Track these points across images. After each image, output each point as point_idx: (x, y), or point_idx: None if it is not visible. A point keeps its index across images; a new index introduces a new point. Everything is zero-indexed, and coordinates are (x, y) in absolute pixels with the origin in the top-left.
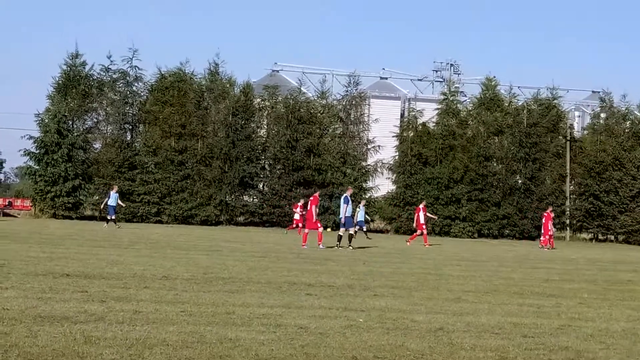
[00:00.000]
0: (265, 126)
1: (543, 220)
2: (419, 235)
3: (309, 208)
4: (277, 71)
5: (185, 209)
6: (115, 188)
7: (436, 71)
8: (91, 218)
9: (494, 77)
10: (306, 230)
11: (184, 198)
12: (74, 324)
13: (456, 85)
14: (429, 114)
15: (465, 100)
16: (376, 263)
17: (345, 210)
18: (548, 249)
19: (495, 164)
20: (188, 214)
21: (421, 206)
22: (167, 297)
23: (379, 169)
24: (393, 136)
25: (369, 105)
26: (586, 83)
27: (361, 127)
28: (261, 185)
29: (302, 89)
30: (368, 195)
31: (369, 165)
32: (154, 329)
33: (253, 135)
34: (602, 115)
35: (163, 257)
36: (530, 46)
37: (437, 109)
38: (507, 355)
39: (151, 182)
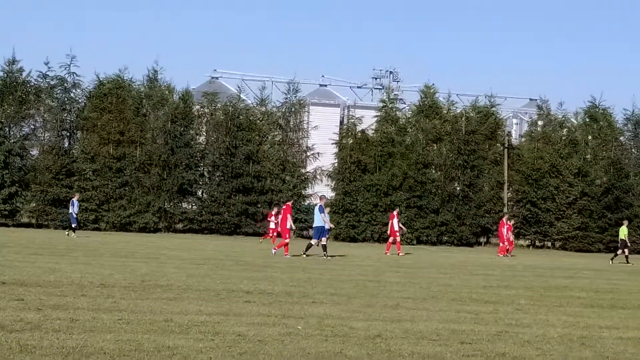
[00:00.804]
0: (204, 133)
1: (499, 228)
2: (392, 243)
3: (282, 217)
4: (217, 78)
5: (124, 216)
6: (77, 196)
7: (375, 78)
8: (28, 225)
9: (433, 84)
10: (287, 240)
11: (122, 205)
12: (10, 333)
13: (395, 93)
14: (368, 121)
15: (404, 108)
16: (315, 270)
17: (321, 219)
18: (508, 256)
19: (433, 171)
20: (126, 221)
21: (395, 212)
22: (105, 305)
23: (318, 176)
24: (332, 143)
25: (309, 112)
26: (524, 91)
27: (300, 134)
28: (200, 192)
29: (241, 96)
30: (307, 202)
31: (308, 172)
32: (90, 337)
33: (192, 142)
34: (540, 122)
35: (100, 265)
36: (469, 54)
37: (376, 116)
38: None
39: (89, 189)
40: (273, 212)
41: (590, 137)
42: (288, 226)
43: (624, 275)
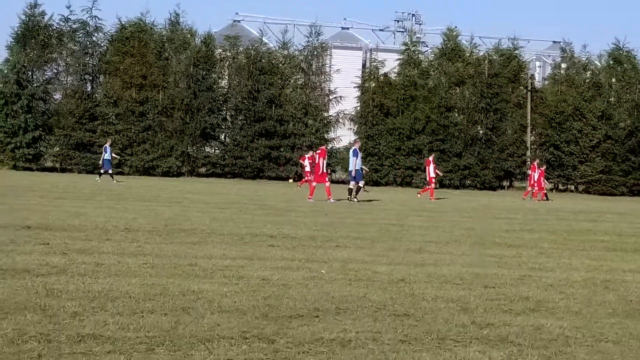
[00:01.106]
0: (227, 77)
1: (534, 175)
2: (430, 188)
3: (317, 161)
4: (239, 21)
5: (147, 161)
6: (109, 141)
7: (398, 21)
8: (52, 170)
9: (456, 27)
10: (314, 184)
11: (146, 149)
12: (36, 277)
13: (417, 36)
14: (390, 64)
15: (427, 51)
16: (339, 214)
17: (354, 163)
18: (538, 200)
19: (456, 115)
20: (150, 166)
21: (430, 159)
22: (129, 249)
23: (340, 120)
24: (355, 87)
25: (331, 55)
26: (547, 33)
27: (323, 77)
28: (223, 137)
29: (263, 39)
30: (330, 146)
31: (330, 116)
32: (116, 281)
33: (214, 86)
34: (563, 65)
35: (125, 209)
36: None
37: (399, 59)
38: (468, 305)
39: (112, 133)
40: (308, 155)
41: (614, 80)
42: (321, 172)
43: None
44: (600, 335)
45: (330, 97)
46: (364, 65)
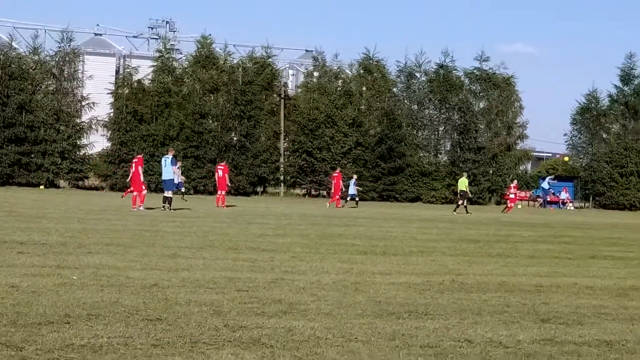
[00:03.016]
0: None
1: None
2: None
3: (134, 170)
4: None
5: None
6: None
7: (152, 28)
8: None
9: (210, 35)
10: (135, 193)
11: None
12: None
13: (172, 43)
14: (144, 71)
15: (181, 58)
16: (91, 220)
17: (174, 171)
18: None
19: (211, 122)
20: None
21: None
22: None
23: (93, 126)
24: (108, 93)
25: (83, 61)
26: (300, 42)
27: (75, 83)
28: None
29: (13, 44)
30: (83, 152)
31: (83, 122)
32: None
33: None
34: (315, 74)
35: None
36: (245, 3)
37: (153, 66)
38: (222, 309)
39: None
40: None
41: (364, 88)
42: (141, 180)
43: (395, 224)
44: (350, 336)
45: (83, 103)
46: (117, 72)
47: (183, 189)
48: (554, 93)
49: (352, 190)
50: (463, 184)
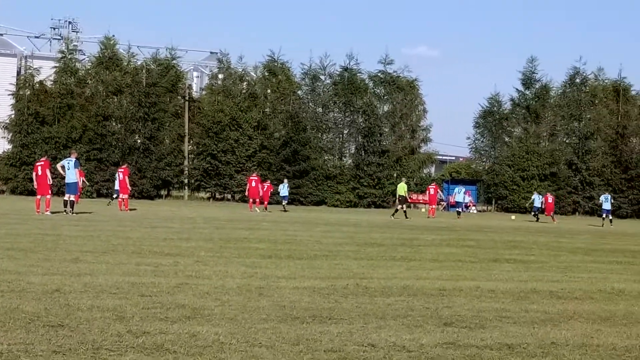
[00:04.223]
0: None
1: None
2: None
3: (40, 174)
4: None
5: None
6: None
7: (54, 28)
8: None
9: (113, 36)
10: (39, 196)
11: None
12: None
13: (75, 44)
14: (46, 72)
15: (84, 59)
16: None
17: (77, 175)
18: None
19: (114, 124)
20: None
21: (125, 167)
22: None
23: None
24: (9, 94)
25: None
26: (204, 44)
27: None
28: None
29: None
30: None
31: None
32: None
33: None
34: (220, 76)
35: None
36: (149, 5)
37: (55, 67)
38: (125, 314)
39: None
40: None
41: (269, 91)
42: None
43: (300, 227)
44: (254, 340)
45: None
46: (18, 73)
47: (115, 195)
48: (458, 96)
49: (285, 192)
50: (402, 189)
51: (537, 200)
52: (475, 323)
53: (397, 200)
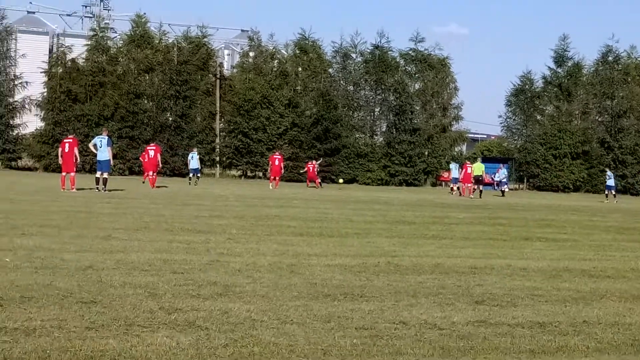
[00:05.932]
0: None
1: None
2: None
3: (67, 151)
4: None
5: None
6: None
7: (86, 6)
8: None
9: (144, 14)
10: (64, 173)
11: None
12: None
13: (106, 22)
14: (78, 50)
15: (116, 37)
16: (24, 201)
17: (110, 152)
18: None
19: (146, 102)
20: None
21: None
22: None
23: (26, 106)
24: (41, 72)
25: (16, 40)
26: (235, 22)
27: (7, 62)
28: None
29: None
30: (16, 132)
31: (16, 101)
32: None
33: None
34: (251, 54)
35: None
36: None
37: (87, 45)
38: (157, 291)
39: None
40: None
41: (300, 69)
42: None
43: (331, 205)
44: (285, 318)
45: (16, 83)
46: (50, 51)
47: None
48: (489, 75)
49: (195, 164)
50: (479, 168)
51: (454, 170)
52: (506, 301)
53: (475, 180)
